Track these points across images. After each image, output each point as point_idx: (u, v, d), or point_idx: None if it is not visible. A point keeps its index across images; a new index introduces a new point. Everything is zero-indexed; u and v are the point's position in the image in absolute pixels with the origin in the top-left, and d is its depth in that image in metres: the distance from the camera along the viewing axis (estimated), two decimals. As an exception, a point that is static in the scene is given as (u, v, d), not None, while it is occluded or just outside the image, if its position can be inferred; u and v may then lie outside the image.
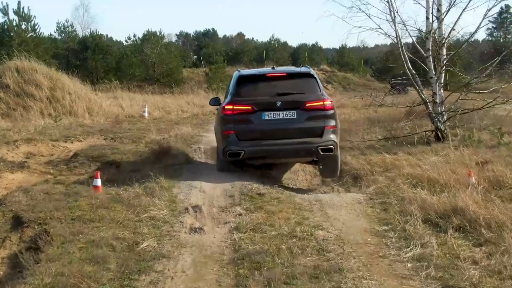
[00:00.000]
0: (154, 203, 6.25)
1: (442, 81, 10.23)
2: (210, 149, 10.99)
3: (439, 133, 10.06)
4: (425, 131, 10.53)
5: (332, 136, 7.42)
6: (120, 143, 11.66)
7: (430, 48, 9.99)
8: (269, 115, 7.34)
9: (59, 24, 39.28)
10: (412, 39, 10.67)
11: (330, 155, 7.51)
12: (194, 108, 20.13)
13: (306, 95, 7.46)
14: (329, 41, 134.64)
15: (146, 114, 17.46)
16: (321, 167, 8.06)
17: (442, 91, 10.22)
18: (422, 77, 10.37)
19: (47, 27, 72.15)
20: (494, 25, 55.73)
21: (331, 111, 7.48)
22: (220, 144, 7.75)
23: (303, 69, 8.12)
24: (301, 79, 7.75)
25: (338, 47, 48.82)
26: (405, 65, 10.11)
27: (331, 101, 7.55)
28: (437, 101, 10.08)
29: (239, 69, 9.00)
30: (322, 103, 7.43)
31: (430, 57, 9.98)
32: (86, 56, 36.07)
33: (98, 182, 7.02)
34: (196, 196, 6.83)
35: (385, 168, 8.37)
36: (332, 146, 7.39)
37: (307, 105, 7.36)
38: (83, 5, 52.48)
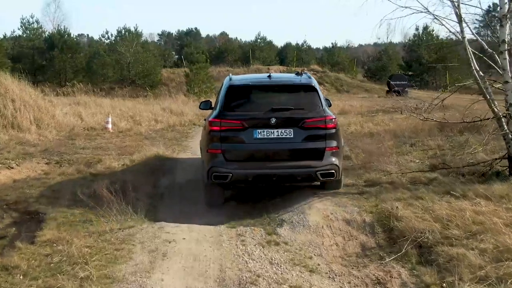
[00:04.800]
0: None
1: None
2: (188, 184, 7.79)
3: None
4: (496, 159, 7.36)
5: (334, 159, 6.58)
6: (59, 175, 8.27)
7: (506, 40, 6.84)
8: (262, 133, 6.49)
9: (23, 20, 35.18)
10: (469, 28, 7.48)
11: (332, 180, 6.74)
12: (171, 117, 16.60)
13: (305, 111, 6.63)
14: (318, 40, 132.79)
15: (109, 126, 13.99)
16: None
17: (518, 101, 7.09)
18: (492, 83, 7.20)
19: (13, 24, 67.40)
20: (481, 24, 53.31)
21: (334, 130, 6.66)
22: (205, 165, 6.68)
23: (303, 80, 7.15)
24: (300, 92, 6.98)
25: (322, 47, 46.05)
26: (472, 64, 6.91)
27: (334, 118, 6.73)
28: (514, 116, 6.95)
29: (230, 74, 7.70)
30: (323, 120, 6.60)
31: (506, 52, 6.83)
32: (53, 56, 32.52)
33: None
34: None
35: (468, 230, 5.20)
36: (333, 171, 6.56)
37: (306, 122, 6.54)
38: (55, 1, 48.32)
